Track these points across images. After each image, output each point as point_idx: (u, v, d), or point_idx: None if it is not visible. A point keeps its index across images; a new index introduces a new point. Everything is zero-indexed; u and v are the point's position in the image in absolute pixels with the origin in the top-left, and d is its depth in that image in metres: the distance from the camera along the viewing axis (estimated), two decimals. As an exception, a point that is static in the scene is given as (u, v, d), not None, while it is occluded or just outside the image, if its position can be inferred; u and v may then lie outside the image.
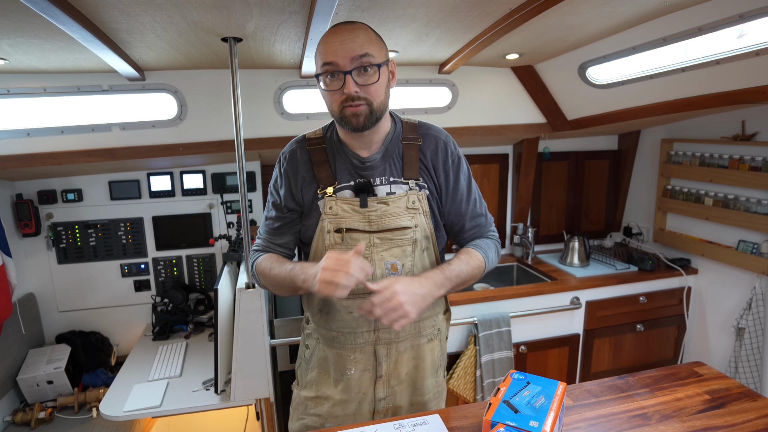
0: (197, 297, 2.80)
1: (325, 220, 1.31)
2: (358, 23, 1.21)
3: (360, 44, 1.16)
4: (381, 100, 1.23)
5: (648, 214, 3.22)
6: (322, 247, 1.32)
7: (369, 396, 1.41)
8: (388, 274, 1.32)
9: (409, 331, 1.39)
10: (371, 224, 1.31)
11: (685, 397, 1.25)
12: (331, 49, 1.17)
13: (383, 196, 1.32)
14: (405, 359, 1.40)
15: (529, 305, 2.61)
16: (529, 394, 1.09)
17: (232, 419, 2.64)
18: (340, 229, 1.30)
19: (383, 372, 1.39)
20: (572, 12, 1.74)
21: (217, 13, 1.49)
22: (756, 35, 1.80)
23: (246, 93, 2.38)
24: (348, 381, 1.39)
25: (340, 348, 1.38)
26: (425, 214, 1.35)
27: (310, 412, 1.45)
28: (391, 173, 1.33)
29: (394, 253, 1.32)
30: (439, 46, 2.12)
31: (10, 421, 2.20)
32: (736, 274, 2.62)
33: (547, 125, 2.90)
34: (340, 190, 1.32)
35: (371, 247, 1.31)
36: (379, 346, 1.37)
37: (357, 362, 1.38)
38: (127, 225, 2.67)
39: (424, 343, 1.43)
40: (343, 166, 1.33)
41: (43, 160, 2.23)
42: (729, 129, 2.60)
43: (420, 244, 1.35)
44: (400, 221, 1.31)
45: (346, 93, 1.17)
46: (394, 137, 1.35)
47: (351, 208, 1.30)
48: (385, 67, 1.22)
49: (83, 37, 1.54)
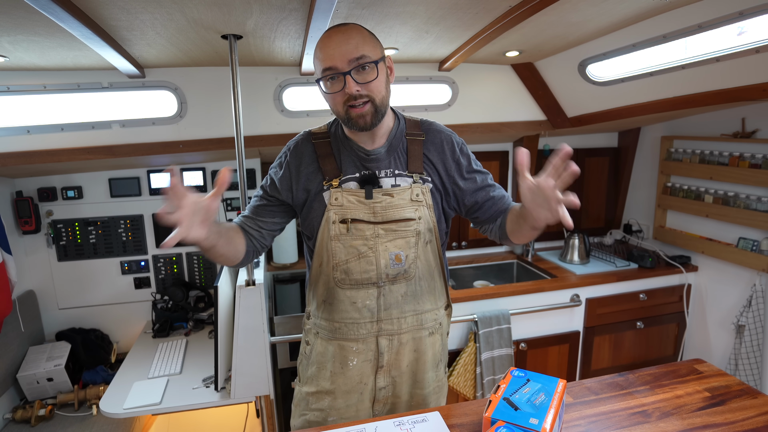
0: (197, 294, 2.80)
1: (330, 211, 1.33)
2: (350, 24, 1.24)
3: (355, 45, 1.19)
4: (382, 96, 1.25)
5: (648, 212, 3.22)
6: (327, 238, 1.34)
7: (369, 385, 1.43)
8: (393, 265, 1.34)
9: (411, 323, 1.41)
10: (376, 215, 1.33)
11: (685, 394, 1.25)
12: (328, 54, 1.20)
13: (388, 188, 1.34)
14: (406, 351, 1.42)
15: (529, 302, 2.61)
16: (529, 391, 1.09)
17: (232, 416, 2.65)
18: (346, 220, 1.32)
19: (384, 362, 1.41)
20: (572, 9, 1.74)
21: (217, 10, 1.49)
22: (756, 32, 1.80)
23: (246, 90, 2.37)
24: (350, 372, 1.40)
25: (343, 339, 1.39)
26: (428, 207, 1.37)
27: (312, 407, 1.45)
28: (395, 166, 1.36)
29: (398, 244, 1.34)
30: (439, 43, 2.11)
31: (10, 418, 2.20)
32: (736, 272, 2.62)
33: (547, 122, 2.90)
34: (345, 181, 1.34)
35: (376, 237, 1.33)
36: (382, 338, 1.39)
37: (359, 353, 1.39)
38: (127, 222, 2.67)
39: (426, 336, 1.44)
40: (349, 159, 1.35)
41: (43, 157, 2.23)
42: (729, 126, 2.60)
43: (423, 236, 1.37)
44: (404, 213, 1.34)
45: (348, 93, 1.20)
46: (398, 132, 1.37)
47: (356, 199, 1.33)
48: (382, 63, 1.24)
49: (83, 34, 1.53)
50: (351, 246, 1.33)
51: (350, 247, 1.33)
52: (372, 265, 1.33)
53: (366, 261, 1.33)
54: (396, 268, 1.35)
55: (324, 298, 1.40)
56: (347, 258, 1.34)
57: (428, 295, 1.43)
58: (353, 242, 1.33)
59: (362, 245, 1.33)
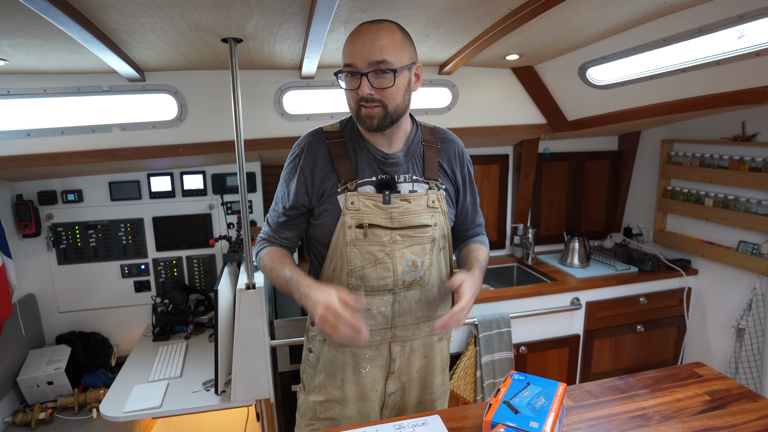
0: (197, 298, 2.80)
1: (346, 215, 1.30)
2: (385, 24, 1.22)
3: (379, 49, 1.17)
4: (397, 104, 1.24)
5: (648, 215, 3.22)
6: (342, 243, 1.31)
7: (379, 391, 1.42)
8: (409, 272, 1.33)
9: (424, 330, 1.41)
10: (393, 221, 1.31)
11: (685, 397, 1.25)
12: (352, 50, 1.20)
13: (406, 194, 1.33)
14: (417, 357, 1.42)
15: (529, 306, 2.61)
16: (530, 394, 1.09)
17: (232, 420, 2.64)
18: (363, 225, 1.30)
19: (396, 368, 1.41)
20: (572, 13, 1.74)
21: (217, 13, 1.49)
22: (756, 36, 1.80)
23: (246, 94, 2.38)
24: (362, 379, 1.39)
25: (355, 347, 1.37)
26: (444, 214, 1.38)
27: (321, 417, 1.43)
28: (413, 172, 1.36)
29: (415, 250, 1.34)
30: (439, 46, 2.12)
31: (10, 421, 2.20)
32: (736, 275, 2.61)
33: (548, 126, 2.90)
34: (361, 185, 1.32)
35: (393, 243, 1.32)
36: (395, 344, 1.38)
37: (372, 359, 1.39)
38: (128, 226, 2.67)
39: (436, 341, 1.45)
40: (365, 161, 1.33)
41: (43, 160, 2.23)
42: (729, 130, 2.60)
43: (438, 242, 1.37)
44: (421, 219, 1.33)
45: (360, 94, 1.20)
46: (416, 138, 1.37)
47: (373, 204, 1.31)
48: (405, 71, 1.23)
49: (83, 37, 1.54)
50: (367, 252, 1.30)
51: (366, 252, 1.30)
52: (389, 272, 1.32)
53: (383, 267, 1.31)
54: (412, 275, 1.34)
55: None
56: (363, 264, 1.31)
57: (440, 301, 1.42)
58: (370, 248, 1.30)
59: (379, 251, 1.31)
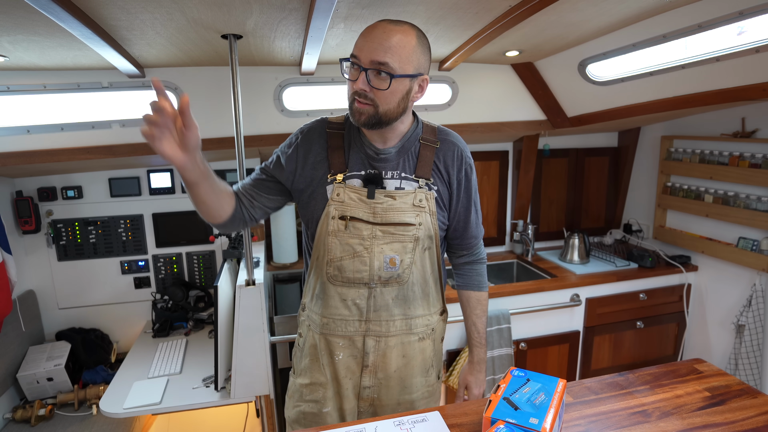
0: (197, 294, 2.80)
1: (331, 206, 1.33)
2: (403, 26, 1.21)
3: (385, 50, 1.17)
4: (389, 108, 1.23)
5: (648, 211, 3.22)
6: (325, 232, 1.34)
7: (354, 381, 1.44)
8: (386, 268, 1.34)
9: (400, 327, 1.41)
10: (375, 216, 1.33)
11: (685, 394, 1.25)
12: (361, 43, 1.21)
13: (391, 190, 1.34)
14: (394, 355, 1.42)
15: (529, 302, 2.61)
16: (529, 391, 1.09)
17: (232, 416, 2.65)
18: (345, 217, 1.32)
19: (369, 362, 1.41)
20: (572, 9, 1.74)
21: (216, 9, 1.49)
22: (756, 32, 1.80)
23: (246, 90, 2.37)
24: (336, 364, 1.42)
25: (330, 334, 1.40)
26: (431, 214, 1.37)
27: (306, 399, 1.46)
28: (403, 169, 1.36)
29: (394, 248, 1.34)
30: (438, 43, 2.11)
31: (10, 418, 2.20)
32: (736, 271, 2.62)
33: (547, 122, 2.90)
34: (349, 178, 1.34)
35: (372, 238, 1.33)
36: (369, 338, 1.40)
37: (344, 348, 1.41)
38: (127, 222, 2.67)
39: (415, 341, 1.44)
40: (357, 155, 1.35)
41: (43, 157, 2.23)
42: (729, 126, 2.60)
43: (422, 242, 1.36)
44: (404, 217, 1.33)
45: (355, 88, 1.21)
46: (413, 136, 1.37)
47: (358, 197, 1.33)
48: (406, 80, 1.23)
49: (83, 34, 1.53)
50: (347, 243, 1.33)
51: (346, 244, 1.33)
52: (365, 266, 1.34)
53: (360, 260, 1.34)
54: (389, 272, 1.35)
55: (317, 292, 1.42)
56: (342, 255, 1.34)
57: (420, 300, 1.43)
58: (349, 240, 1.33)
59: (358, 244, 1.33)
